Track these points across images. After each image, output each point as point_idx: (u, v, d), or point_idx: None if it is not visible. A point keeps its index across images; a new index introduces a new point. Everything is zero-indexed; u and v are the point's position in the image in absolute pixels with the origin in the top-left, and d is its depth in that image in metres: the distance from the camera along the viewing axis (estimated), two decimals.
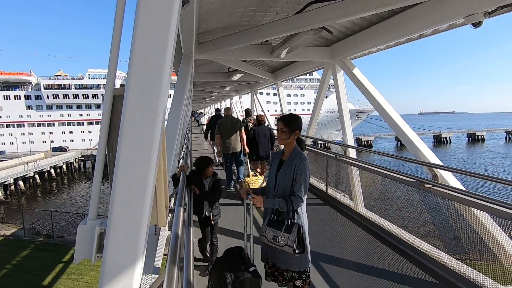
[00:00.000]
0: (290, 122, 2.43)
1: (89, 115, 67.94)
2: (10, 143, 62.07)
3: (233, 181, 6.66)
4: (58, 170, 51.28)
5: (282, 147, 2.59)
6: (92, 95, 66.68)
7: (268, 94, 69.14)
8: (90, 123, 68.08)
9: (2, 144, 62.76)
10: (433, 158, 3.90)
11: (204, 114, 32.33)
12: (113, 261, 1.10)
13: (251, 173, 5.68)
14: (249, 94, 16.13)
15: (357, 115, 72.43)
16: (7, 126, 63.80)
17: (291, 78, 10.07)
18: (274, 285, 2.49)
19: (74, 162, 57.15)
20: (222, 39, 4.38)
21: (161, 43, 1.05)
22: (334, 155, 5.55)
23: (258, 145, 6.42)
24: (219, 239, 4.15)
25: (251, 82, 10.95)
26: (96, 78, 67.80)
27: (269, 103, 61.82)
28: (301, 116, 2.69)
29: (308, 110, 72.84)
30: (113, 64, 1.17)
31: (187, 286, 1.22)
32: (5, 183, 38.40)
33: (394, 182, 4.14)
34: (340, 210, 5.49)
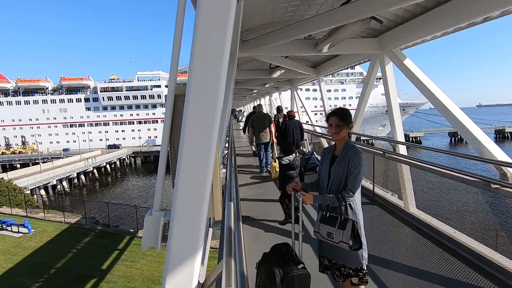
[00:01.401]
0: (345, 116, 2.38)
1: (138, 114, 73.25)
2: (73, 141, 69.71)
3: (263, 167, 7.85)
4: (113, 165, 56.28)
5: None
6: (141, 96, 71.70)
7: (307, 90, 67.81)
8: (139, 122, 73.41)
9: (67, 142, 70.68)
10: (501, 155, 3.48)
11: (243, 111, 32.80)
12: (176, 250, 1.17)
13: (277, 160, 6.68)
14: (289, 90, 16.04)
15: (403, 109, 67.62)
16: (71, 126, 71.71)
17: (332, 73, 9.74)
18: (323, 281, 2.45)
19: (126, 158, 62.20)
20: (264, 36, 4.37)
21: (219, 41, 1.08)
22: (382, 152, 5.25)
23: (288, 137, 7.31)
24: (264, 235, 4.20)
25: (291, 78, 10.82)
26: (144, 80, 72.70)
27: (308, 99, 60.63)
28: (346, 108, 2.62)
29: (350, 105, 69.87)
30: (174, 64, 1.22)
31: (241, 278, 1.25)
32: (70, 177, 43.21)
33: (453, 182, 3.78)
34: (389, 210, 5.19)
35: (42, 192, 36.54)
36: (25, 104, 70.59)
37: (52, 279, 14.48)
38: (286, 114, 8.01)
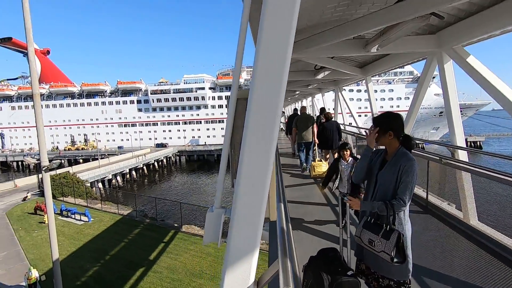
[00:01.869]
0: (380, 122, 2.27)
1: (184, 115, 77.30)
2: (127, 139, 76.13)
3: (304, 164, 8.24)
4: (160, 163, 60.09)
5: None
6: (186, 98, 75.57)
7: (351, 90, 65.26)
8: (185, 123, 77.42)
9: (121, 141, 77.33)
10: None
11: (284, 113, 32.66)
12: (235, 247, 1.22)
13: (317, 159, 7.62)
14: (332, 91, 15.59)
15: (461, 111, 61.48)
16: (125, 125, 78.27)
17: (379, 73, 9.27)
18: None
19: (172, 156, 65.99)
20: (312, 38, 4.32)
21: (283, 44, 1.11)
22: (438, 158, 4.85)
23: (326, 137, 7.91)
24: (307, 238, 4.15)
25: (336, 79, 10.51)
26: (189, 83, 76.49)
27: (352, 100, 58.29)
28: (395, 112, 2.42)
29: (398, 106, 65.58)
30: (237, 70, 1.29)
31: (294, 278, 1.26)
32: (123, 172, 47.12)
33: None
34: (444, 220, 4.77)
35: (100, 185, 40.42)
36: (87, 105, 78.85)
37: (107, 264, 15.94)
38: (324, 115, 8.54)
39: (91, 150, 70.18)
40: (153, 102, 76.42)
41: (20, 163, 66.99)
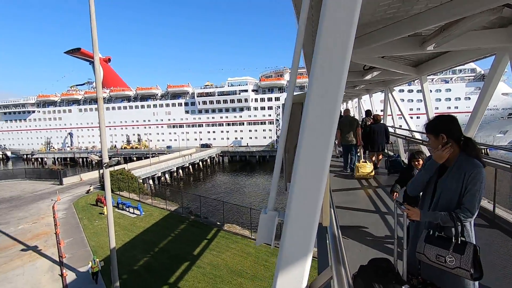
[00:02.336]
0: (433, 127, 2.10)
1: (227, 117, 79.74)
2: (174, 139, 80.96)
3: (349, 166, 8.33)
4: (204, 162, 62.70)
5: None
6: (230, 100, 77.83)
7: (401, 91, 61.10)
8: (228, 124, 79.81)
9: (170, 141, 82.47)
10: None
11: None
12: (288, 250, 1.24)
13: (361, 160, 7.65)
14: (379, 92, 14.74)
15: None
16: (173, 127, 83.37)
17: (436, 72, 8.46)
18: None
19: (215, 157, 68.44)
20: (362, 38, 4.15)
21: (342, 48, 1.10)
22: (509, 166, 4.30)
23: (373, 140, 7.98)
24: (355, 245, 3.99)
25: (386, 79, 9.93)
26: (233, 85, 78.66)
27: (403, 101, 54.47)
28: (448, 115, 2.18)
29: (456, 107, 59.53)
30: (293, 73, 1.30)
31: (348, 286, 1.23)
32: (171, 170, 50.13)
33: None
34: None
35: (151, 182, 43.51)
36: (141, 108, 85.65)
37: (156, 256, 17.08)
38: (372, 117, 8.59)
39: (143, 149, 76.09)
40: (199, 104, 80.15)
41: (85, 159, 75.35)
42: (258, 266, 15.55)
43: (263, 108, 77.30)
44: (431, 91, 61.75)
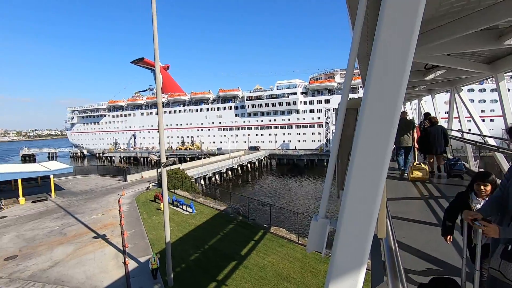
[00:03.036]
0: None
1: (275, 120, 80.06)
2: (224, 142, 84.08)
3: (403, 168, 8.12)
4: (252, 165, 63.82)
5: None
6: (278, 103, 78.02)
7: (471, 90, 54.43)
8: (276, 127, 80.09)
9: (220, 143, 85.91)
10: None
11: None
12: (341, 260, 1.20)
13: (416, 162, 7.53)
14: (442, 93, 13.34)
15: None
16: (224, 129, 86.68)
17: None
18: None
19: (263, 159, 69.16)
20: (424, 35, 3.82)
21: (403, 48, 1.03)
22: None
23: (430, 142, 7.89)
24: (412, 260, 3.66)
25: (452, 78, 8.94)
26: (282, 88, 78.72)
27: (473, 102, 48.34)
28: None
29: None
30: (348, 77, 1.26)
31: None
32: (221, 171, 52.09)
33: None
34: None
35: (202, 181, 45.80)
36: (194, 111, 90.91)
37: (206, 252, 17.88)
38: (428, 120, 8.47)
39: (196, 150, 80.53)
40: (248, 107, 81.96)
41: (145, 158, 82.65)
42: (305, 272, 15.23)
43: (312, 111, 75.79)
44: (509, 90, 53.69)
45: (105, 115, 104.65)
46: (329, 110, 67.75)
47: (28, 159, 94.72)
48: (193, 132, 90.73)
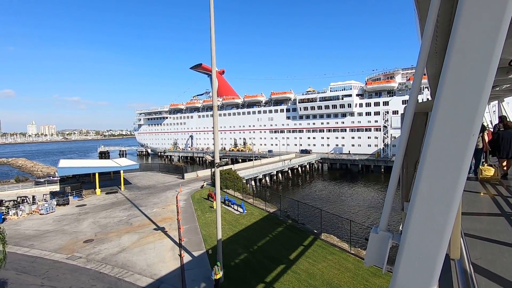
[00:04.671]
0: None
1: (328, 123, 77.58)
2: (275, 144, 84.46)
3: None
4: (303, 168, 62.79)
5: None
6: (332, 105, 75.43)
7: None
8: (329, 130, 77.56)
9: (271, 145, 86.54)
10: None
11: None
12: (404, 281, 1.09)
13: (486, 164, 7.36)
14: None
15: None
16: (275, 131, 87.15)
17: None
18: None
19: (315, 163, 67.54)
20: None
21: (488, 43, 0.89)
22: None
23: (500, 146, 7.74)
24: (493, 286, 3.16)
25: None
26: (336, 90, 75.93)
27: None
28: None
29: None
30: (418, 76, 1.14)
31: None
32: (271, 174, 52.38)
33: None
34: None
35: (253, 183, 46.65)
36: (247, 114, 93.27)
37: (254, 253, 18.11)
38: (503, 123, 8.23)
39: (247, 152, 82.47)
40: (300, 110, 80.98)
41: (200, 158, 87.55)
42: (357, 284, 14.37)
43: (368, 114, 71.49)
44: None
45: (166, 117, 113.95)
46: (387, 113, 62.99)
47: (104, 155, 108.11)
48: (245, 134, 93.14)
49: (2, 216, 25.57)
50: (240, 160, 72.75)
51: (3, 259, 9.23)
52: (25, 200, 29.83)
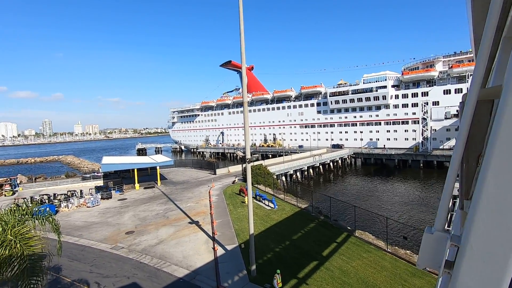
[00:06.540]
0: None
1: (361, 116, 74.61)
2: (306, 139, 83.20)
3: None
4: (335, 163, 61.18)
5: None
6: (365, 98, 72.34)
7: None
8: (362, 124, 74.60)
9: (301, 140, 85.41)
10: None
11: None
12: (466, 287, 0.98)
13: None
14: None
15: None
16: (305, 126, 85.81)
17: None
18: None
19: (347, 158, 65.48)
20: None
21: None
22: None
23: None
24: None
25: None
26: (370, 82, 72.61)
27: None
28: None
29: None
30: (482, 62, 1.01)
31: None
32: (302, 169, 51.76)
33: None
34: None
35: (283, 178, 46.47)
36: (276, 109, 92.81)
37: (287, 249, 18.09)
38: None
39: (277, 148, 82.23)
40: (331, 104, 78.78)
41: (231, 154, 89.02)
42: (395, 284, 13.77)
43: (405, 106, 67.54)
44: None
45: (198, 115, 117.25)
46: (427, 104, 58.96)
47: (141, 152, 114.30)
48: (275, 129, 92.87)
49: (55, 209, 28.15)
50: (270, 156, 72.79)
51: (60, 248, 10.17)
52: (74, 194, 32.61)
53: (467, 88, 57.55)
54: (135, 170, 38.41)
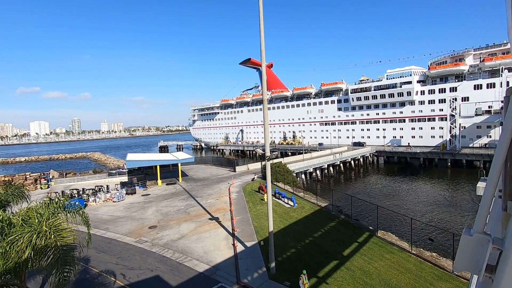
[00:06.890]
0: None
1: (384, 113, 72.25)
2: (326, 137, 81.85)
3: None
4: (356, 162, 59.78)
5: None
6: (388, 94, 69.93)
7: None
8: (385, 121, 72.25)
9: (321, 138, 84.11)
10: None
11: None
12: None
13: None
14: None
15: None
16: (325, 124, 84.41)
17: None
18: None
19: (369, 156, 63.83)
20: None
21: None
22: None
23: None
24: None
25: None
26: (393, 78, 70.05)
27: None
28: None
29: None
30: None
31: None
32: (322, 167, 51.02)
33: None
34: None
35: (303, 176, 46.05)
36: (296, 107, 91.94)
37: (306, 247, 17.95)
38: None
39: (297, 145, 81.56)
40: (353, 101, 76.90)
41: (251, 152, 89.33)
42: (418, 286, 13.29)
43: (431, 102, 64.58)
44: None
45: (218, 113, 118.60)
46: (455, 100, 56.03)
47: (163, 149, 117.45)
48: (294, 127, 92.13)
49: (84, 203, 29.64)
50: (289, 154, 72.30)
51: (89, 240, 10.71)
52: (101, 189, 34.17)
53: (501, 82, 53.88)
54: (158, 167, 39.59)
